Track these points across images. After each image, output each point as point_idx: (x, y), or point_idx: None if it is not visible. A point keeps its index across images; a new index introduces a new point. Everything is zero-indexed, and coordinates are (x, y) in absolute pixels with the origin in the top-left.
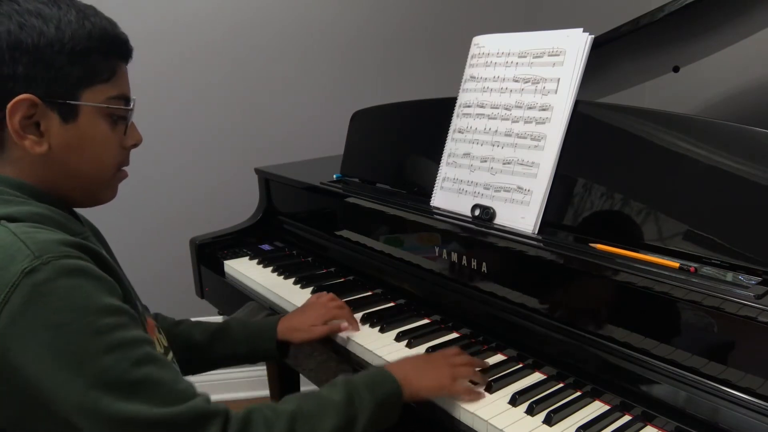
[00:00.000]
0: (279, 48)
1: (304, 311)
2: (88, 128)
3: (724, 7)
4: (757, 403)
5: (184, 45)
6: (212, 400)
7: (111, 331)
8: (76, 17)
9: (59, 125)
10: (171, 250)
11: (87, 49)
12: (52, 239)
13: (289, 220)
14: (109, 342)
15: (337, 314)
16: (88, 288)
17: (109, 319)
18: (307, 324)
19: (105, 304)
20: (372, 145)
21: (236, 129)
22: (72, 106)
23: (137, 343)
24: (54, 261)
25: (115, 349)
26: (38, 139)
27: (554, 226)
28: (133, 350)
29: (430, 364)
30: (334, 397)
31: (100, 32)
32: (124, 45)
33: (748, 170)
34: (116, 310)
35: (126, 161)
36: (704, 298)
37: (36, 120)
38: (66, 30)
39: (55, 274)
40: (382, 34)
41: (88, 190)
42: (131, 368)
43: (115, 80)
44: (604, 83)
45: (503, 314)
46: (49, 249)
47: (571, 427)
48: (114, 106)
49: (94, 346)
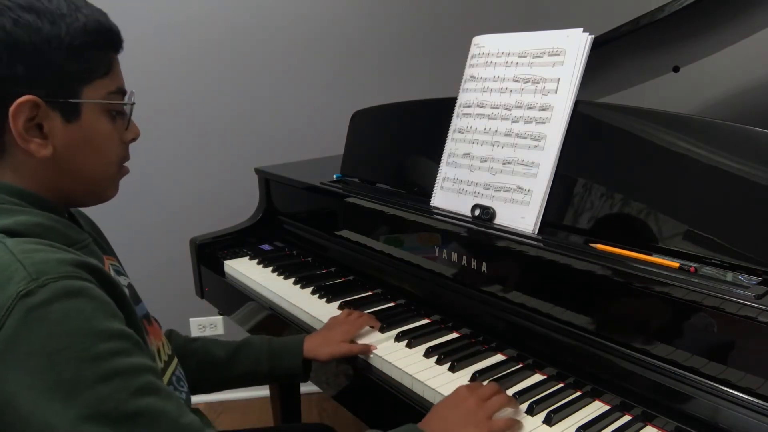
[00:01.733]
0: (279, 48)
1: (330, 329)
2: (90, 126)
3: (724, 7)
4: (757, 403)
5: (184, 44)
6: None
7: (110, 357)
8: (68, 10)
9: (62, 125)
10: (171, 250)
11: (84, 44)
12: (51, 259)
13: (289, 220)
14: (107, 369)
15: (361, 324)
16: (87, 311)
17: (109, 344)
18: (335, 340)
19: (104, 328)
20: (372, 145)
21: (236, 129)
22: (74, 104)
23: (138, 371)
24: (52, 283)
25: (114, 377)
26: (43, 142)
27: (554, 226)
28: (134, 379)
29: (460, 410)
30: None
31: (95, 25)
32: (116, 36)
33: (748, 170)
34: (117, 334)
35: (127, 156)
36: (704, 298)
37: (39, 122)
38: (61, 24)
39: (53, 297)
40: (382, 34)
41: (92, 189)
42: (130, 398)
43: (112, 74)
44: (604, 83)
45: (503, 314)
46: (47, 270)
47: (571, 427)
48: (115, 102)
49: (90, 373)
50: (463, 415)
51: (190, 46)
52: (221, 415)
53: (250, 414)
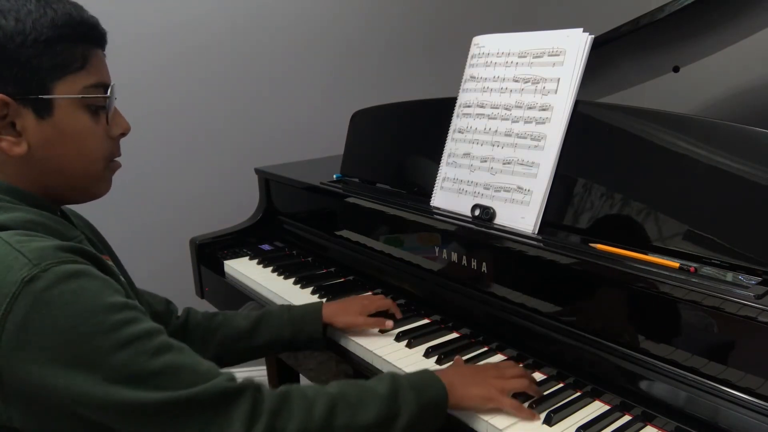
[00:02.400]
0: (279, 48)
1: (347, 301)
2: (66, 122)
3: (724, 7)
4: (757, 403)
5: (184, 44)
6: (240, 377)
7: (123, 326)
8: (36, 6)
9: (35, 122)
10: (171, 250)
11: (52, 39)
12: (48, 245)
13: (289, 220)
14: (123, 337)
15: (381, 304)
16: (92, 288)
17: (119, 315)
18: (351, 310)
19: (112, 302)
20: (372, 145)
21: (236, 129)
22: (45, 100)
23: (151, 334)
24: (54, 267)
25: (131, 343)
26: (16, 140)
27: (554, 226)
28: (149, 341)
29: (480, 374)
30: (379, 389)
31: (65, 18)
32: (93, 29)
33: (748, 170)
34: (123, 306)
35: (116, 152)
36: (704, 298)
37: (11, 120)
38: (26, 21)
39: (57, 280)
40: (382, 34)
41: (79, 186)
42: (150, 359)
43: (90, 68)
44: (604, 83)
45: (503, 314)
46: (46, 256)
47: (571, 427)
48: (90, 96)
49: (108, 343)
50: (479, 377)
51: (189, 46)
52: None
53: None
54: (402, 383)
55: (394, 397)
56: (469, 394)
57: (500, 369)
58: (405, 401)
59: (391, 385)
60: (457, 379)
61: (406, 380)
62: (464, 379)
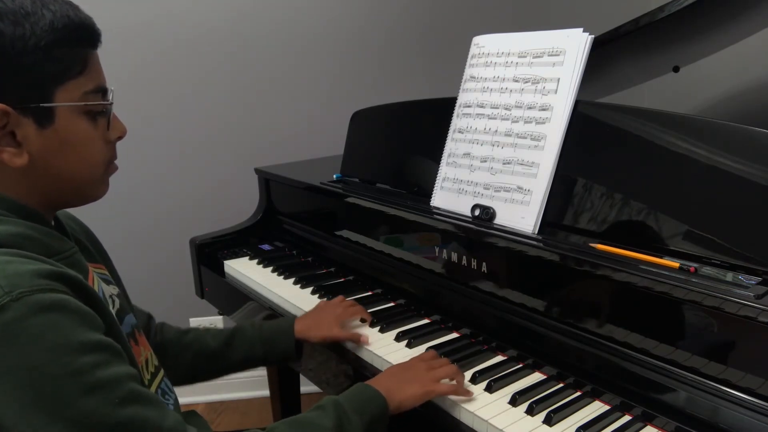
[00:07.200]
0: (279, 47)
1: (319, 312)
2: (67, 129)
3: (724, 7)
4: (757, 403)
5: (184, 44)
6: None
7: (91, 370)
8: (33, 8)
9: (36, 131)
10: (171, 250)
11: (52, 43)
12: (26, 270)
13: (289, 220)
14: (89, 382)
15: (352, 312)
16: (64, 324)
17: (89, 357)
18: (324, 323)
19: (84, 341)
20: (372, 146)
21: (236, 129)
22: (46, 108)
23: (120, 380)
24: (26, 296)
25: (97, 389)
26: (16, 150)
27: (554, 226)
28: (116, 389)
29: (409, 372)
30: (325, 423)
31: (64, 21)
32: (90, 30)
33: (748, 170)
34: (96, 345)
35: (114, 155)
36: (704, 298)
37: (10, 130)
38: (25, 25)
39: (28, 312)
40: (382, 34)
41: (79, 191)
42: (116, 409)
43: (88, 72)
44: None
45: (503, 314)
46: (20, 283)
47: (571, 427)
48: (92, 102)
49: (73, 388)
50: (411, 375)
51: (189, 46)
52: (221, 415)
53: (250, 414)
54: (345, 409)
55: (340, 426)
56: (407, 395)
57: (427, 361)
58: (350, 426)
59: (335, 414)
60: (393, 384)
61: (348, 403)
62: (399, 382)
